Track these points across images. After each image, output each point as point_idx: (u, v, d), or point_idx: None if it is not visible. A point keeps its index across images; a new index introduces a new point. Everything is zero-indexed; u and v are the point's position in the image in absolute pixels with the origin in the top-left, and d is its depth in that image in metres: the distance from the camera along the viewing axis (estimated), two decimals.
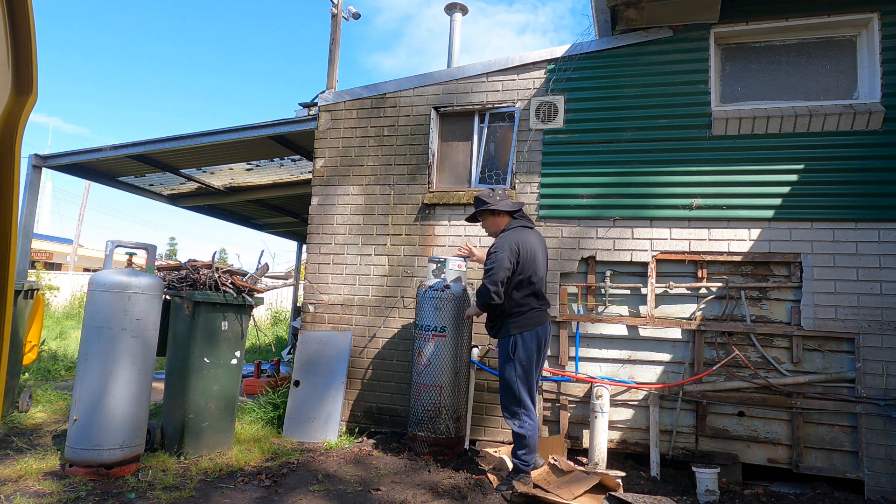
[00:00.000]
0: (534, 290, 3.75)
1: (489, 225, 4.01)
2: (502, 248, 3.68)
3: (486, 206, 3.91)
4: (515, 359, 3.69)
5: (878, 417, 3.97)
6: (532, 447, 3.66)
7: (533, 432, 3.67)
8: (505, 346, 3.74)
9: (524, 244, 3.72)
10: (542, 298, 3.82)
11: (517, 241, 3.71)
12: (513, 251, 3.67)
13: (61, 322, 13.97)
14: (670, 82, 4.65)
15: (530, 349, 3.69)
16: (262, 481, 3.62)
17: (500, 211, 3.91)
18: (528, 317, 3.71)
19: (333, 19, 10.25)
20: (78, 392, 3.52)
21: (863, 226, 4.16)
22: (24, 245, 6.49)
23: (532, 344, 3.70)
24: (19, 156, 1.04)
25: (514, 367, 3.69)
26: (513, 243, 3.69)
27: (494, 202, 3.89)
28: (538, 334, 3.73)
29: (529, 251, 3.73)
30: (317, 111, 5.60)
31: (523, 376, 3.69)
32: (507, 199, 3.94)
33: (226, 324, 4.19)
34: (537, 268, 3.76)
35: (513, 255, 3.66)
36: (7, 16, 1.00)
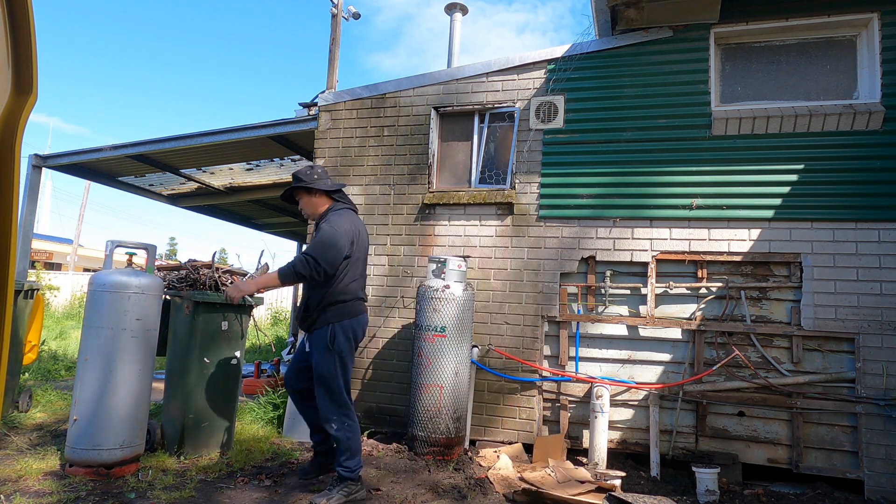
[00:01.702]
0: (360, 281, 3.49)
1: (305, 205, 3.58)
2: (341, 227, 3.33)
3: (301, 184, 3.49)
4: (335, 350, 3.32)
5: (878, 417, 3.97)
6: (356, 450, 3.34)
7: (355, 433, 3.36)
8: (322, 336, 3.33)
9: (358, 232, 3.45)
10: (363, 290, 3.55)
11: (352, 226, 3.41)
12: (350, 237, 3.36)
13: (61, 322, 13.97)
14: (670, 82, 4.65)
15: (349, 339, 3.38)
16: (262, 481, 3.62)
17: (317, 190, 3.50)
18: (350, 305, 3.39)
19: (333, 19, 10.25)
20: (78, 392, 3.51)
21: (863, 226, 4.16)
22: (24, 245, 6.49)
23: (351, 334, 3.38)
24: (19, 156, 1.04)
25: (334, 360, 3.32)
26: (353, 230, 3.39)
27: (311, 180, 3.47)
28: (359, 324, 3.44)
29: (362, 240, 3.49)
30: (317, 111, 5.60)
31: (342, 371, 3.36)
32: (326, 178, 3.56)
33: (226, 324, 4.19)
34: (363, 258, 3.52)
35: (348, 241, 3.34)
36: (7, 16, 1.00)
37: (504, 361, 4.77)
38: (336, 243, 3.26)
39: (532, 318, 4.75)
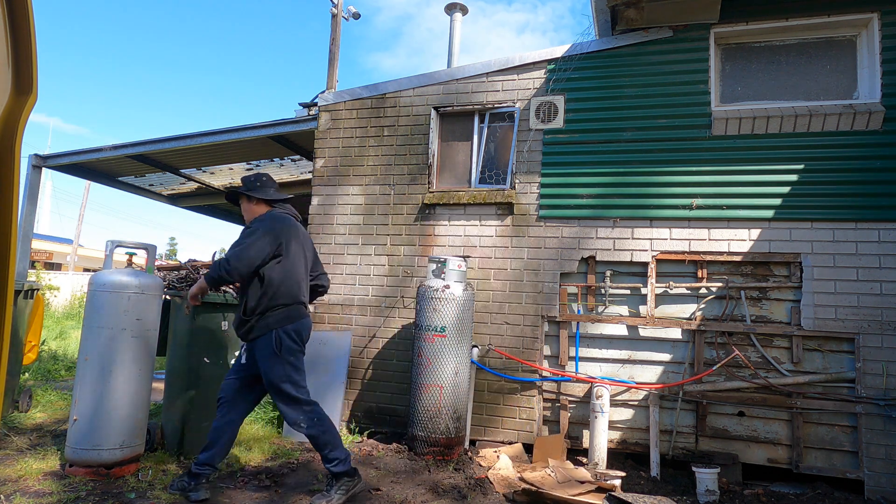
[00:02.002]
0: (301, 286, 3.39)
1: (244, 210, 3.56)
2: (263, 228, 3.27)
3: (241, 190, 3.52)
4: (283, 356, 3.23)
5: (878, 417, 3.97)
6: (335, 441, 3.26)
7: (327, 424, 3.30)
8: (267, 343, 3.23)
9: (292, 234, 3.36)
10: (305, 295, 3.45)
11: (282, 227, 3.33)
12: (275, 237, 3.27)
13: (61, 322, 13.96)
14: (670, 82, 4.65)
15: (296, 342, 3.30)
16: (262, 481, 3.62)
17: (256, 198, 3.48)
18: (292, 309, 3.31)
19: (333, 19, 10.25)
20: (78, 392, 3.51)
21: (863, 226, 4.16)
22: (24, 245, 6.49)
23: (296, 336, 3.30)
24: (19, 156, 1.04)
25: (284, 366, 3.23)
26: (276, 229, 3.31)
27: (252, 188, 3.48)
28: (303, 326, 3.36)
29: (295, 243, 3.37)
30: (317, 111, 5.60)
31: (295, 373, 3.28)
32: (269, 187, 3.54)
33: (226, 324, 4.19)
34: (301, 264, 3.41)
35: (274, 240, 3.25)
36: (7, 16, 1.00)
37: (504, 361, 4.77)
38: (253, 244, 3.18)
39: (532, 318, 4.75)
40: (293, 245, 3.35)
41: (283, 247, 3.29)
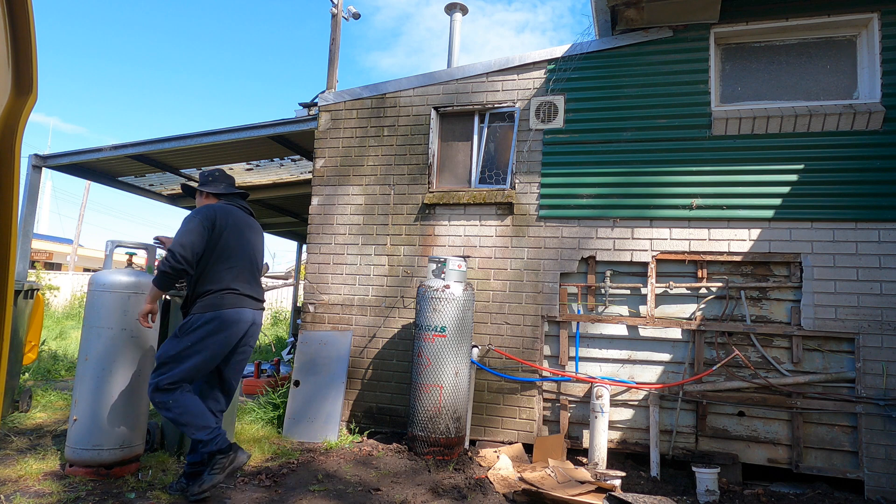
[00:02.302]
0: (235, 272, 3.28)
1: (197, 204, 3.59)
2: (198, 214, 3.26)
3: (196, 185, 3.57)
4: (182, 335, 3.17)
5: (878, 417, 3.97)
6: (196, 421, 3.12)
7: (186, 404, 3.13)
8: (184, 323, 3.22)
9: (226, 219, 3.30)
10: (245, 283, 3.31)
11: (219, 215, 3.30)
12: (212, 222, 3.24)
13: (61, 322, 13.96)
14: (670, 82, 4.65)
15: (211, 333, 3.16)
16: (262, 481, 3.62)
17: (205, 192, 3.52)
18: (218, 297, 3.20)
19: (333, 19, 10.26)
20: (78, 392, 3.51)
21: (863, 226, 4.16)
22: (24, 245, 6.48)
23: (215, 327, 3.17)
24: (19, 156, 1.04)
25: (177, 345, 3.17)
26: (210, 214, 3.27)
27: (204, 183, 3.53)
28: (228, 317, 3.20)
29: (233, 229, 3.31)
30: (317, 111, 5.60)
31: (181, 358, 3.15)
32: (220, 183, 3.55)
33: None
34: (241, 249, 3.32)
35: (211, 225, 3.22)
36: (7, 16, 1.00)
37: (504, 361, 4.77)
38: (192, 230, 3.18)
39: (532, 318, 4.75)
40: (232, 233, 3.30)
41: (220, 233, 3.25)
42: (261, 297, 3.46)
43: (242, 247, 3.35)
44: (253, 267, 3.41)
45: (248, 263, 3.37)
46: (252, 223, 3.54)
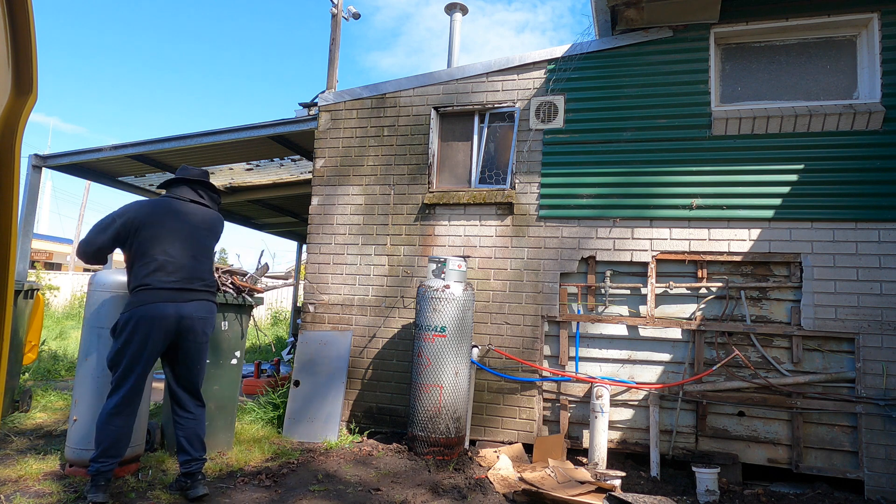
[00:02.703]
0: (150, 267, 3.14)
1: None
2: (116, 212, 3.25)
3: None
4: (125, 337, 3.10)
5: (878, 417, 3.97)
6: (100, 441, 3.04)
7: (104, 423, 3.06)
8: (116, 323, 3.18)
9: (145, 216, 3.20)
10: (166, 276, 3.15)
11: (140, 209, 3.23)
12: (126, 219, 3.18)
13: (61, 322, 13.97)
14: (670, 82, 4.65)
15: (132, 332, 3.08)
16: (262, 481, 3.62)
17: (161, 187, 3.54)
18: (138, 294, 3.13)
19: (333, 19, 10.27)
20: (78, 392, 3.51)
21: (863, 226, 4.16)
22: (24, 245, 6.48)
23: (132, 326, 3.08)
24: (19, 156, 1.04)
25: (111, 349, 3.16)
26: (131, 211, 3.21)
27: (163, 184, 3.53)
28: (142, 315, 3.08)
29: (154, 224, 3.19)
30: (317, 111, 5.60)
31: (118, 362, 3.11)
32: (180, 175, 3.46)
33: (226, 324, 4.19)
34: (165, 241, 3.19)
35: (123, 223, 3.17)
36: (7, 16, 1.00)
37: (504, 361, 4.77)
38: (99, 227, 3.19)
39: (532, 318, 4.75)
40: (152, 228, 3.19)
41: (136, 230, 3.17)
42: (193, 286, 3.22)
43: (168, 238, 3.20)
44: (183, 256, 3.21)
45: (176, 254, 3.20)
46: (192, 210, 3.36)
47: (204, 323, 3.29)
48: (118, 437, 3.07)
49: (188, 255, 3.25)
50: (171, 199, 3.38)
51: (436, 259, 4.47)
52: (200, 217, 3.40)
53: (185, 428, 3.30)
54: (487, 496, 3.56)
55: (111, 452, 3.04)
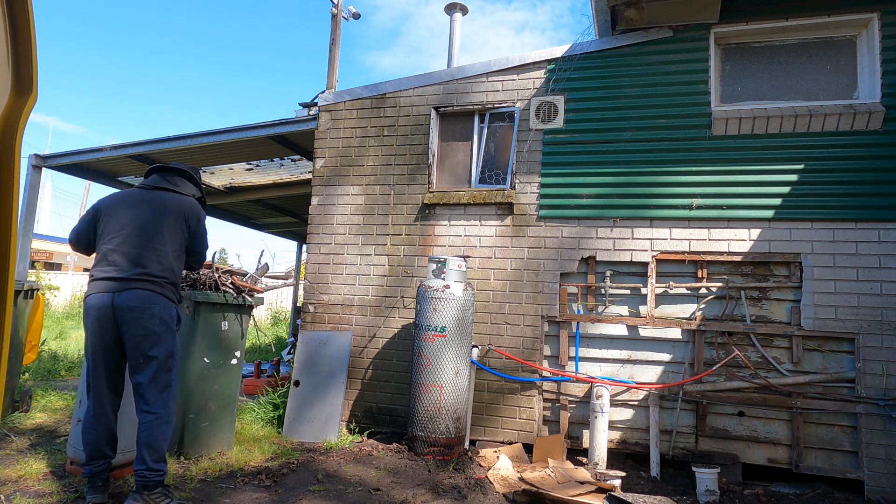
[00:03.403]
0: (103, 254, 3.09)
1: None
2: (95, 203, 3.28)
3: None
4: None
5: (878, 417, 3.97)
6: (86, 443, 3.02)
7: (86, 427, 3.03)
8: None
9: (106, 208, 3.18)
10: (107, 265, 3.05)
11: (99, 203, 3.24)
12: (88, 211, 3.21)
13: (61, 322, 13.97)
14: (670, 82, 4.65)
15: (87, 322, 3.04)
16: (262, 481, 3.62)
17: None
18: (89, 285, 3.09)
19: (333, 19, 10.27)
20: (82, 393, 3.51)
21: (863, 226, 4.16)
22: (24, 245, 6.48)
23: (87, 316, 3.02)
24: (19, 156, 1.04)
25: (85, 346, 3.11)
26: (98, 202, 3.25)
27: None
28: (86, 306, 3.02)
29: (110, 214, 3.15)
30: (317, 111, 5.60)
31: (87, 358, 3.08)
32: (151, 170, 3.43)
33: (226, 324, 4.19)
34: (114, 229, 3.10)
35: (90, 214, 3.20)
36: (7, 16, 1.00)
37: (504, 361, 4.77)
38: (81, 218, 3.23)
39: (532, 318, 4.75)
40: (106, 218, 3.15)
41: (97, 222, 3.17)
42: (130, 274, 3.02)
43: (116, 227, 3.12)
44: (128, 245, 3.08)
45: (119, 243, 3.08)
46: (156, 197, 3.24)
47: (138, 313, 2.97)
48: (96, 439, 3.00)
49: (135, 243, 3.08)
50: (134, 189, 3.32)
51: (436, 259, 4.47)
52: (164, 204, 3.21)
53: (137, 431, 3.01)
54: (487, 496, 3.56)
55: (96, 454, 3.00)
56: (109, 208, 3.19)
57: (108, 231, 3.11)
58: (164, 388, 3.05)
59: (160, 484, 2.99)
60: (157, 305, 3.04)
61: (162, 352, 3.04)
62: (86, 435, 3.02)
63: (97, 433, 3.01)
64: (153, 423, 2.98)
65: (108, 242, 3.09)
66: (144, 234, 3.10)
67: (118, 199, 3.25)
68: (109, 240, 3.09)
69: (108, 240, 3.09)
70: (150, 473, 2.94)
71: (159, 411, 3.00)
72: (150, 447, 2.95)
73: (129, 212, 3.14)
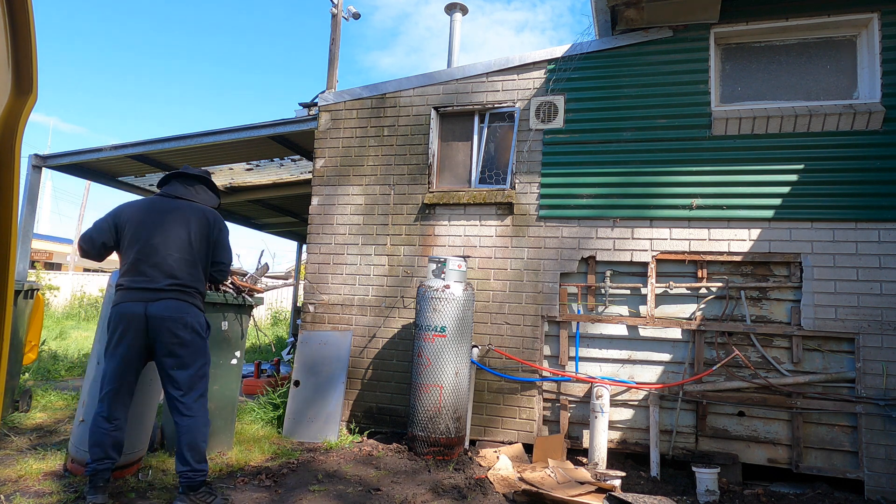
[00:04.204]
0: (127, 266, 3.13)
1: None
2: (114, 209, 3.29)
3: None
4: (106, 337, 3.14)
5: (878, 417, 3.97)
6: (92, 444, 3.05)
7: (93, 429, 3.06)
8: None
9: (130, 215, 3.20)
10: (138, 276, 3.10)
11: (121, 210, 3.24)
12: (107, 216, 3.21)
13: (61, 322, 13.97)
14: (670, 82, 4.65)
15: (108, 327, 3.11)
16: (262, 481, 3.62)
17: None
18: (119, 292, 3.12)
19: (333, 19, 10.27)
20: (87, 393, 3.51)
21: (863, 226, 4.16)
22: (24, 245, 6.48)
23: (111, 322, 3.09)
24: (19, 156, 1.04)
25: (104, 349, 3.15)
26: (118, 210, 3.25)
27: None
28: (115, 313, 3.08)
29: (137, 222, 3.17)
30: (317, 111, 5.60)
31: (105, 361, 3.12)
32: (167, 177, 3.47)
33: (226, 324, 4.19)
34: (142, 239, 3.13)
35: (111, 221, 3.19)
36: (7, 16, 1.00)
37: (504, 361, 4.77)
38: (96, 224, 3.20)
39: (532, 319, 4.75)
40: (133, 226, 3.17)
41: (122, 229, 3.17)
42: (162, 284, 3.09)
43: (145, 236, 3.15)
44: (158, 254, 3.13)
45: (150, 251, 3.12)
46: (175, 206, 3.28)
47: (171, 323, 3.05)
48: (103, 440, 3.02)
49: (165, 254, 3.14)
50: (157, 198, 3.34)
51: (436, 259, 4.47)
52: (190, 214, 3.26)
53: (177, 435, 3.13)
54: (487, 496, 3.56)
55: (101, 455, 3.02)
56: (133, 217, 3.20)
57: (136, 240, 3.14)
58: (202, 393, 3.18)
59: (203, 483, 3.12)
60: (189, 315, 3.13)
61: (197, 359, 3.16)
62: (93, 436, 3.05)
63: (106, 436, 3.04)
64: (194, 426, 3.10)
65: (139, 252, 3.13)
66: (174, 245, 3.16)
67: (143, 208, 3.25)
68: (139, 250, 3.13)
69: (137, 249, 3.13)
70: (195, 474, 3.06)
71: (199, 414, 3.13)
72: (194, 449, 3.07)
73: (156, 222, 3.19)
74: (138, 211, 3.23)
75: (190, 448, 3.05)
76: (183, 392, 3.10)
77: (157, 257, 3.12)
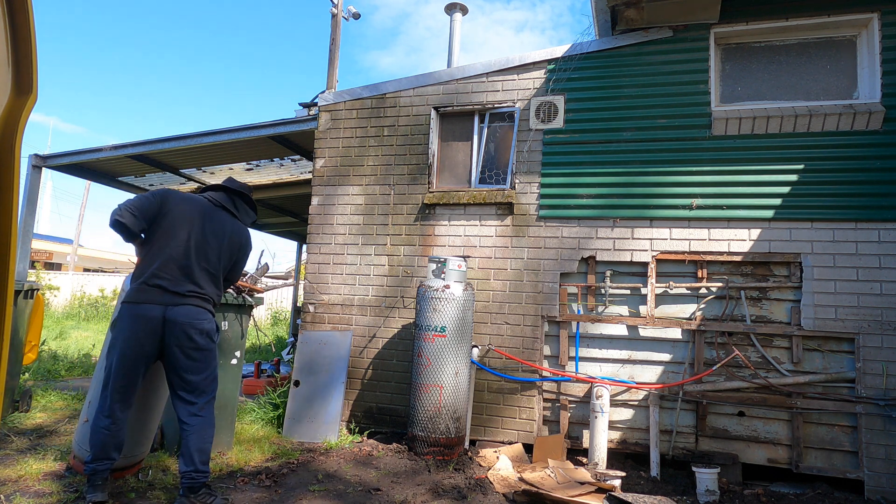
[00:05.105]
0: (159, 263, 3.05)
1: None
2: (159, 190, 3.22)
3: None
4: (115, 334, 3.08)
5: (878, 417, 3.97)
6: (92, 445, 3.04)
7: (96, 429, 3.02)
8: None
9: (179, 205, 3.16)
10: (166, 278, 3.05)
11: (171, 195, 3.19)
12: (155, 197, 3.12)
13: (61, 322, 13.97)
14: (670, 82, 4.65)
15: (124, 328, 3.01)
16: (262, 481, 3.62)
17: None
18: (134, 290, 3.06)
19: (333, 19, 10.27)
20: (93, 394, 3.50)
21: (863, 226, 4.16)
22: (24, 245, 6.48)
23: (126, 322, 3.01)
24: (19, 156, 1.04)
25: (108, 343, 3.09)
26: (163, 192, 3.19)
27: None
28: (132, 313, 3.01)
29: (182, 216, 3.13)
30: (317, 111, 5.60)
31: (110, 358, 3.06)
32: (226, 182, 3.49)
33: (226, 324, 4.19)
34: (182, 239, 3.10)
35: (159, 198, 3.12)
36: (7, 16, 1.00)
37: (504, 361, 4.77)
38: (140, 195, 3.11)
39: (532, 319, 4.75)
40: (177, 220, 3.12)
41: (165, 215, 3.11)
42: (185, 289, 3.08)
43: (184, 236, 3.12)
44: (185, 257, 3.11)
45: (184, 253, 3.10)
46: (218, 217, 3.29)
47: (189, 328, 3.05)
48: (105, 440, 3.01)
49: (193, 260, 3.14)
50: (206, 201, 3.32)
51: (436, 259, 4.47)
52: (227, 228, 3.30)
53: (182, 437, 3.11)
54: (487, 496, 3.55)
55: (101, 455, 3.02)
56: (177, 208, 3.16)
57: (170, 234, 3.10)
58: (213, 396, 3.24)
59: (204, 485, 3.12)
60: (206, 320, 3.17)
61: (210, 363, 3.22)
62: (95, 435, 3.04)
63: (109, 436, 3.03)
64: (202, 427, 3.12)
65: (173, 249, 3.09)
66: (203, 253, 3.19)
67: (187, 202, 3.22)
68: (174, 247, 3.10)
69: (167, 244, 3.09)
70: (198, 475, 3.07)
71: (207, 416, 3.16)
72: (201, 450, 3.09)
73: (195, 223, 3.18)
74: (182, 203, 3.18)
75: (198, 449, 3.07)
76: (195, 395, 3.13)
77: (187, 261, 3.11)
